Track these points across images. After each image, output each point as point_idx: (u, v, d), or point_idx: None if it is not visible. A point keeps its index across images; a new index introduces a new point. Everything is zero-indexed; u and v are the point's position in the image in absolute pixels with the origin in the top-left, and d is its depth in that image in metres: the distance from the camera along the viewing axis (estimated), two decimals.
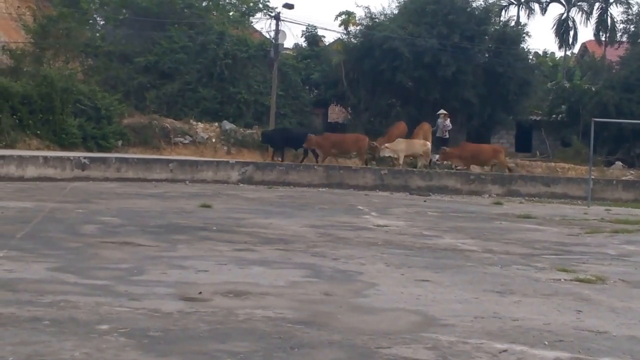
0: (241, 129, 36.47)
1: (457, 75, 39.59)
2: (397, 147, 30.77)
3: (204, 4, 44.05)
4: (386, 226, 15.33)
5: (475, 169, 30.91)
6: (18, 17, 40.38)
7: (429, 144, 31.43)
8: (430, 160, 31.60)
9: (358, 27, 43.57)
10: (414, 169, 29.64)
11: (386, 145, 30.88)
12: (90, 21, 43.20)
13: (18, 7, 42.00)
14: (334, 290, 8.40)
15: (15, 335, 5.94)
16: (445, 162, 31.63)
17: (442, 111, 33.39)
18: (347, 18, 44.64)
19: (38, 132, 29.83)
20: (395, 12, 43.58)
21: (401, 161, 30.66)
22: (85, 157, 24.77)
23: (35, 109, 29.89)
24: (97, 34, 42.32)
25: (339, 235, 13.44)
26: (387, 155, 30.92)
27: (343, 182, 27.18)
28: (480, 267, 10.63)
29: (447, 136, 33.20)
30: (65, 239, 11.32)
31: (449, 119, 32.82)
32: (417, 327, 6.87)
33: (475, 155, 31.34)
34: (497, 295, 8.62)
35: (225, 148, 32.99)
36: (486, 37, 42.59)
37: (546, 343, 6.51)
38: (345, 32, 44.44)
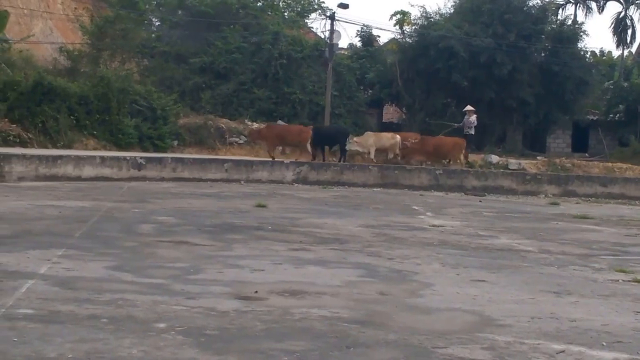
0: None
1: (513, 75, 39.34)
2: (366, 142, 30.48)
3: (259, 4, 44.21)
4: (441, 226, 15.26)
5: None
6: (75, 18, 40.83)
7: (397, 137, 30.96)
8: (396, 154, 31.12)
9: (413, 27, 43.43)
10: (470, 169, 29.45)
11: (355, 139, 30.66)
12: (146, 22, 43.57)
13: (75, 8, 42.50)
14: (389, 290, 8.38)
15: (74, 333, 6.01)
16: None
17: (468, 107, 32.95)
18: (402, 17, 44.41)
19: (95, 132, 30.11)
20: (451, 11, 43.46)
21: (372, 155, 30.32)
22: (141, 157, 24.96)
23: (92, 110, 30.17)
24: (153, 35, 42.68)
25: (394, 235, 13.40)
26: (354, 149, 30.49)
27: (398, 182, 27.11)
28: (536, 267, 10.54)
29: (472, 132, 32.65)
30: (122, 238, 11.41)
31: (474, 116, 32.36)
32: (474, 327, 6.83)
33: (437, 148, 30.75)
34: (554, 295, 8.54)
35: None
36: (543, 36, 42.25)
37: (604, 344, 6.44)
38: (400, 31, 44.33)
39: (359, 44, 46.16)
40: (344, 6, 39.59)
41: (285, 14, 46.07)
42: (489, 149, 37.41)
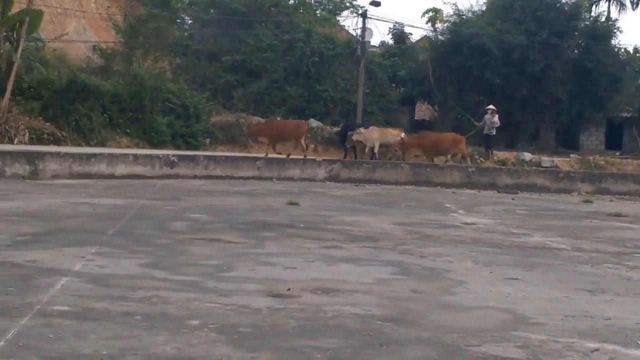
0: (328, 127, 36.50)
1: (546, 72, 39.13)
2: (371, 136, 30.36)
3: (291, 2, 44.26)
4: (474, 224, 15.20)
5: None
6: (108, 17, 41.10)
7: (402, 134, 30.85)
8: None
9: (445, 24, 43.33)
10: (502, 167, 29.33)
11: (361, 130, 30.58)
12: (179, 20, 43.76)
13: (108, 7, 42.77)
14: (422, 288, 8.36)
15: (108, 330, 6.05)
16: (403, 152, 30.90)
17: (490, 107, 32.76)
18: (434, 15, 44.39)
19: (128, 130, 30.30)
20: (483, 8, 43.32)
21: (376, 150, 30.22)
22: (174, 155, 25.08)
23: (125, 108, 30.37)
24: (186, 33, 42.85)
25: (427, 233, 13.37)
26: (358, 139, 30.37)
27: (430, 179, 27.05)
28: (570, 265, 10.48)
29: (494, 133, 32.44)
30: (156, 235, 11.47)
31: (497, 116, 32.16)
32: (507, 326, 6.80)
33: (435, 144, 30.58)
34: (587, 294, 8.48)
35: (312, 146, 33.04)
36: (576, 33, 41.98)
37: (639, 342, 6.39)
38: (432, 29, 44.26)
39: (391, 42, 46.15)
40: (376, 4, 39.55)
41: (317, 12, 46.08)
42: (522, 146, 37.23)
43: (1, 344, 5.56)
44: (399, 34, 45.04)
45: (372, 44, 41.69)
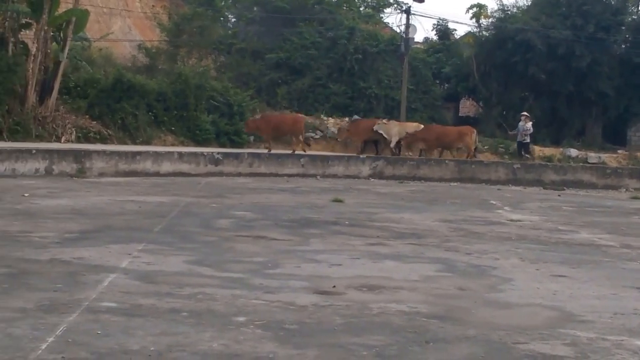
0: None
1: (592, 67, 38.68)
2: (390, 130, 30.15)
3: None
4: (520, 221, 15.12)
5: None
6: (153, 16, 41.33)
7: (422, 127, 30.62)
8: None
9: (490, 20, 43.03)
10: (548, 163, 29.10)
11: (384, 121, 30.42)
12: (223, 19, 43.87)
13: (153, 6, 43.01)
14: (468, 285, 8.33)
15: (155, 326, 6.09)
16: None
17: (524, 113, 32.32)
18: (478, 11, 44.02)
19: (173, 128, 30.43)
20: (528, 3, 42.92)
21: (392, 145, 30.03)
22: (218, 153, 25.17)
23: (170, 106, 30.50)
24: (230, 32, 42.95)
25: (472, 230, 13.32)
26: (379, 131, 30.16)
27: (475, 176, 26.93)
28: (618, 262, 10.39)
29: (527, 140, 31.81)
30: (201, 232, 11.53)
31: (530, 123, 31.72)
32: (555, 323, 6.75)
33: (440, 137, 30.17)
34: (636, 291, 8.40)
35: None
36: (623, 28, 41.46)
37: None
38: (476, 24, 43.96)
39: (434, 38, 45.88)
40: (419, 0, 39.37)
41: (361, 9, 46.00)
42: (568, 142, 36.86)
43: (51, 339, 5.62)
44: (443, 30, 44.77)
45: (416, 40, 41.45)
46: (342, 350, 5.69)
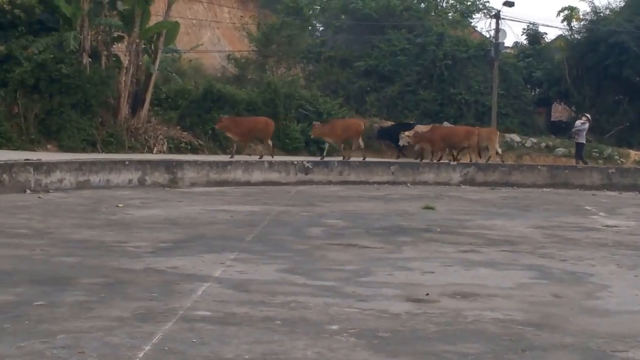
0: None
1: None
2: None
3: (422, 6, 44.06)
4: (616, 226, 14.83)
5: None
6: (241, 26, 41.78)
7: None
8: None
9: (582, 22, 42.38)
10: None
11: (406, 134, 30.14)
12: (311, 28, 44.10)
13: (241, 17, 43.44)
14: (563, 292, 8.19)
15: (249, 335, 6.12)
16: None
17: (584, 114, 31.44)
18: (569, 13, 43.42)
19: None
20: (621, 4, 42.16)
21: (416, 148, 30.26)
22: (308, 161, 25.25)
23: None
24: (318, 40, 43.14)
25: (567, 236, 13.10)
26: (404, 144, 30.08)
27: (568, 182, 26.51)
28: None
29: (579, 140, 30.57)
30: (292, 241, 11.57)
31: (579, 121, 30.74)
32: None
33: (446, 138, 29.39)
34: None
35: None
36: None
37: None
38: (568, 27, 43.34)
39: (525, 42, 45.39)
40: (509, 4, 38.97)
41: (449, 14, 45.76)
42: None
43: (148, 348, 5.69)
44: (533, 34, 44.27)
45: (505, 45, 41.06)
46: (436, 358, 5.65)
